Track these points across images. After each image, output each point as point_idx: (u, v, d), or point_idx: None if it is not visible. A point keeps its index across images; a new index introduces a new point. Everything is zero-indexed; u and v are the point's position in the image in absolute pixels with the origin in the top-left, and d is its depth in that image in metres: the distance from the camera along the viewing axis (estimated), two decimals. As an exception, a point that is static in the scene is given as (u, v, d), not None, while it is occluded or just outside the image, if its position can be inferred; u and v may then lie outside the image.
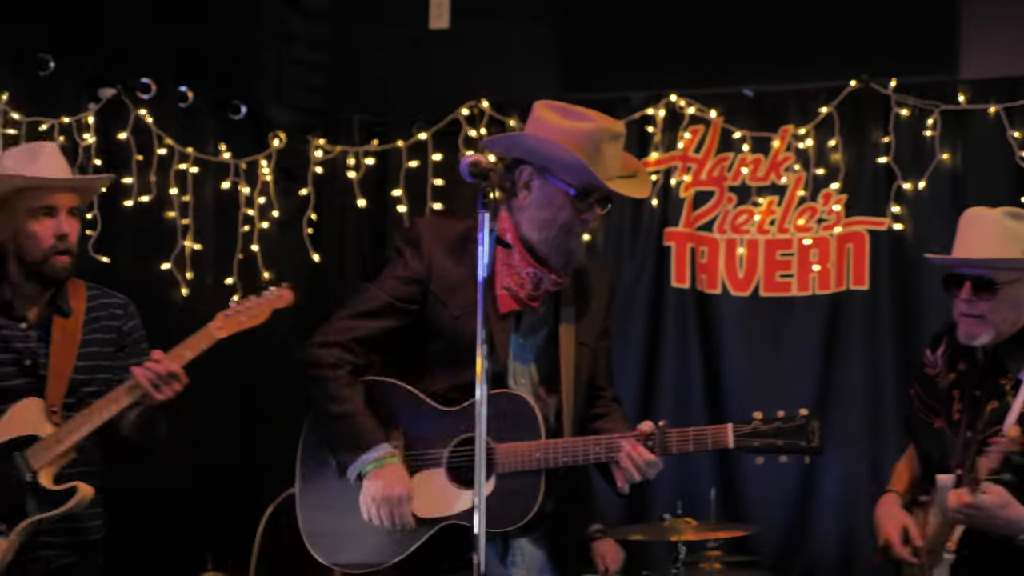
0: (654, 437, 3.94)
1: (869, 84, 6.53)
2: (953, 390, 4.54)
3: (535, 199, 3.99)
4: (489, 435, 3.80)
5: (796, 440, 3.87)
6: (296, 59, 7.18)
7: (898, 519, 4.54)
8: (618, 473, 3.96)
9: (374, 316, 4.04)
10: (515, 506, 3.93)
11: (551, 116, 3.98)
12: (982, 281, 4.40)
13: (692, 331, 6.77)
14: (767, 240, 6.69)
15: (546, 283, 4.03)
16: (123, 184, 6.19)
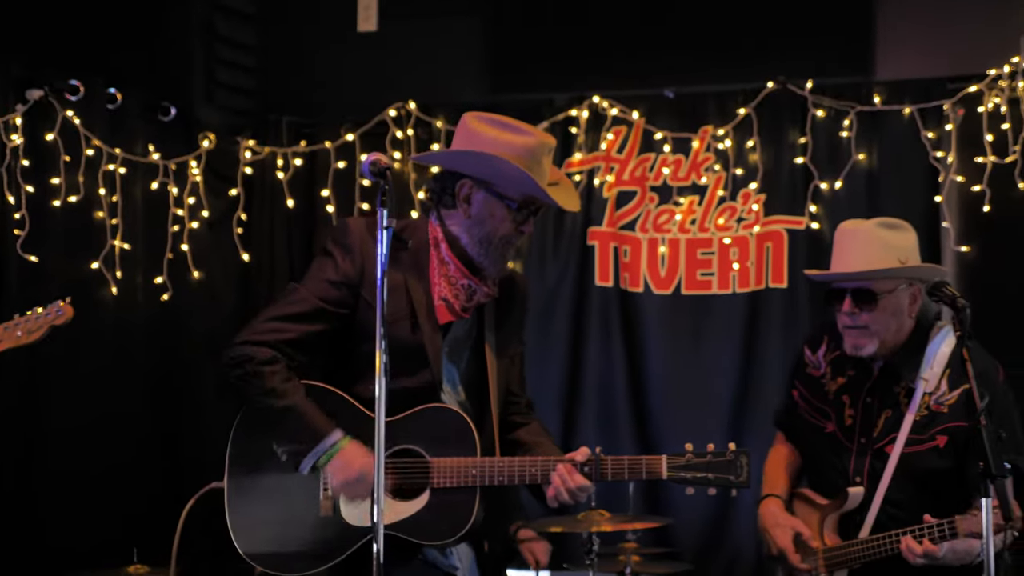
0: (590, 463, 3.99)
1: (786, 86, 6.67)
2: (843, 395, 4.64)
3: (476, 212, 4.01)
4: (425, 449, 3.97)
5: (726, 474, 3.97)
6: (226, 61, 7.27)
7: (788, 525, 4.63)
8: (549, 491, 4.01)
9: (304, 319, 3.99)
10: (449, 521, 3.98)
11: (488, 129, 4.01)
12: (862, 293, 4.51)
13: (615, 329, 6.89)
14: (688, 239, 6.82)
15: (479, 294, 4.07)
16: (51, 184, 6.23)
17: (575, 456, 4.00)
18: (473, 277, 4.05)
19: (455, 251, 4.04)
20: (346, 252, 3.99)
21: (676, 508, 6.48)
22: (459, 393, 4.13)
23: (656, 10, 6.93)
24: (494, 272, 4.09)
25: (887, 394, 4.56)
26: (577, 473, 3.97)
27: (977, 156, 6.46)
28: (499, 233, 4.01)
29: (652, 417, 6.82)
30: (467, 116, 4.10)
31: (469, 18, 7.24)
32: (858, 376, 4.63)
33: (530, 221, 4.06)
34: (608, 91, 6.89)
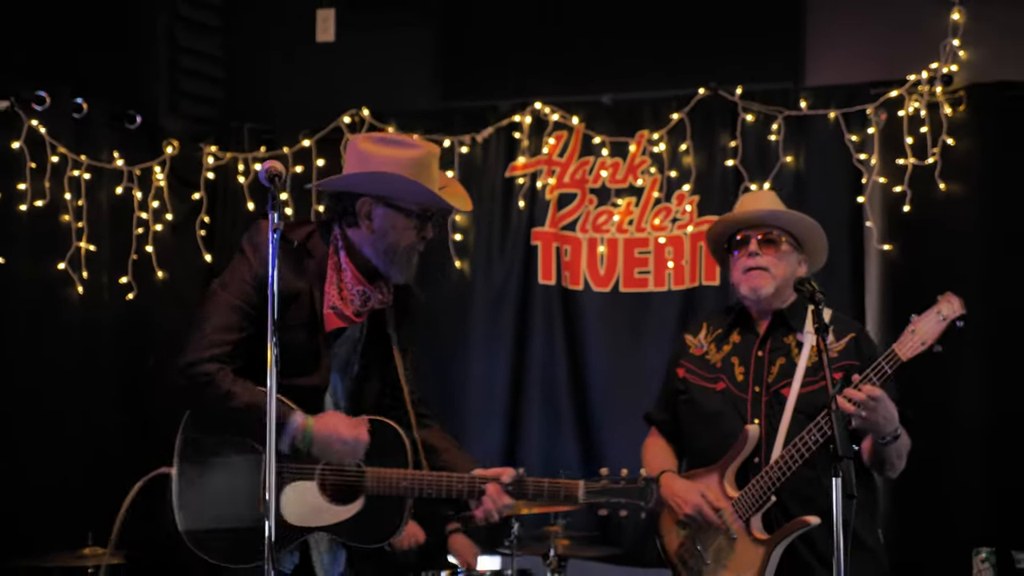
0: (514, 484, 4.34)
1: (717, 92, 6.97)
2: (731, 358, 4.96)
3: (379, 227, 4.29)
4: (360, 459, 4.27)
5: (637, 500, 4.39)
6: (189, 70, 7.62)
7: (694, 488, 4.91)
8: (478, 512, 4.35)
9: (235, 328, 4.19)
10: (379, 526, 4.32)
11: (378, 148, 4.29)
12: (768, 238, 4.87)
13: (558, 325, 7.19)
14: (626, 239, 7.12)
15: (373, 300, 4.37)
16: (17, 189, 6.56)
17: (502, 476, 4.35)
18: (368, 284, 4.35)
19: (354, 259, 4.34)
20: (256, 251, 4.24)
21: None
22: (342, 396, 4.42)
23: (594, 21, 7.25)
24: (401, 278, 4.38)
25: (778, 345, 4.90)
26: (504, 494, 4.34)
27: (898, 158, 6.74)
28: (403, 243, 4.32)
29: (593, 409, 7.11)
30: (356, 138, 4.45)
31: (420, 29, 7.58)
32: (745, 339, 4.98)
33: (429, 227, 4.36)
34: (550, 98, 7.21)
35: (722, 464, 4.84)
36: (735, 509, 4.77)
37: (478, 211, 7.26)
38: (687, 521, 4.90)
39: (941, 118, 6.70)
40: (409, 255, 4.36)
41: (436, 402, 6.93)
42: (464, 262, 7.29)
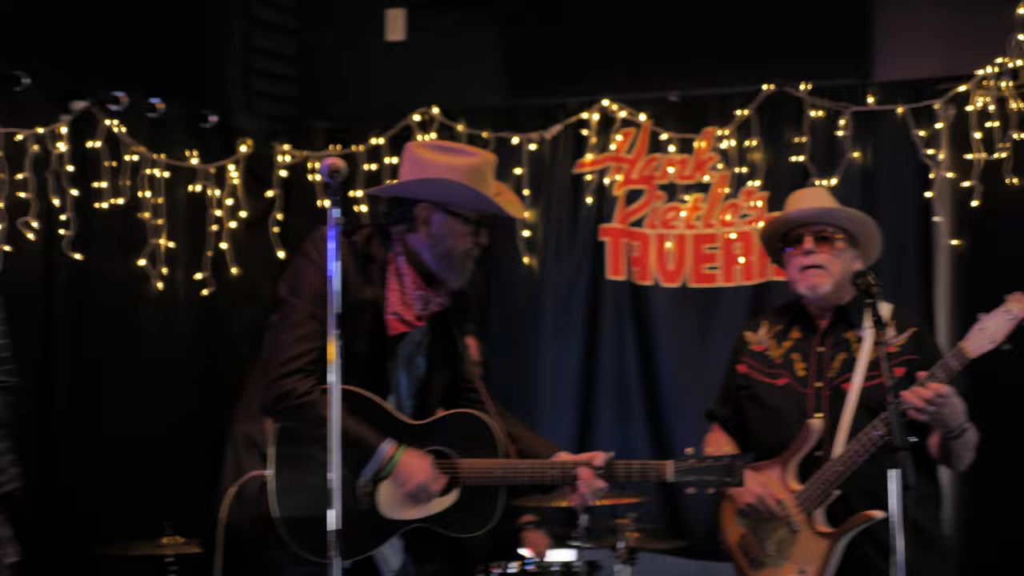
0: (606, 467, 4.39)
1: (784, 88, 7.01)
2: (791, 354, 5.01)
3: (436, 232, 4.36)
4: (454, 450, 4.36)
5: (723, 477, 4.40)
6: (263, 71, 7.76)
7: (755, 479, 4.95)
8: (573, 497, 4.42)
9: (314, 336, 4.22)
10: (475, 515, 4.40)
11: (436, 155, 4.37)
12: (822, 235, 4.91)
13: (627, 320, 7.25)
14: (694, 234, 7.17)
15: (433, 304, 4.45)
16: (96, 188, 6.73)
17: (593, 460, 4.41)
18: (428, 288, 4.42)
19: (413, 265, 4.41)
20: (325, 260, 4.15)
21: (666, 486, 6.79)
22: (404, 396, 4.49)
23: (661, 17, 7.30)
24: (457, 283, 4.47)
25: (839, 340, 4.95)
26: (597, 478, 4.39)
27: (966, 153, 6.75)
28: (460, 248, 4.39)
29: (663, 403, 7.17)
30: (412, 145, 4.48)
31: (489, 28, 7.66)
32: (805, 335, 5.02)
33: (484, 233, 4.44)
34: (617, 95, 7.28)
35: (784, 458, 4.88)
36: (798, 502, 4.81)
37: (546, 208, 7.36)
38: (747, 511, 4.94)
39: (1009, 112, 6.69)
40: (465, 260, 4.44)
41: (507, 397, 7.08)
42: (532, 259, 7.37)
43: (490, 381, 6.97)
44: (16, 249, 6.30)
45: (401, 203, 4.41)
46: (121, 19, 6.93)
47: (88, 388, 6.56)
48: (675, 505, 6.94)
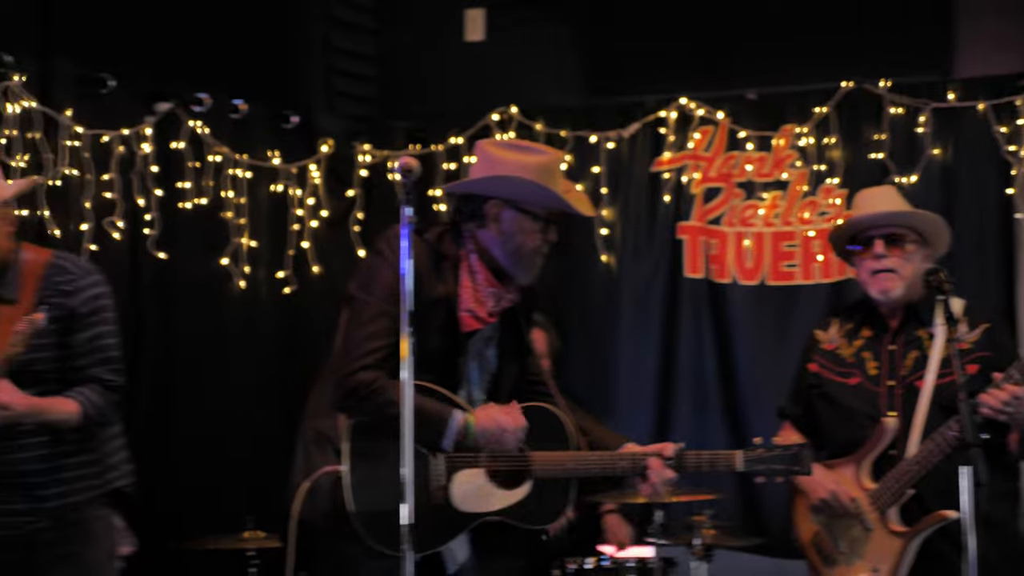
0: (676, 457, 4.46)
1: (863, 85, 6.98)
2: (863, 353, 5.00)
3: (507, 228, 4.44)
4: (524, 443, 4.42)
5: (792, 466, 4.46)
6: (344, 71, 7.85)
7: (829, 476, 4.97)
8: (645, 488, 4.50)
9: (386, 333, 4.28)
10: (548, 507, 4.51)
11: (507, 153, 4.45)
12: (892, 237, 4.89)
13: (705, 318, 7.25)
14: (772, 232, 7.15)
15: (504, 300, 4.52)
16: (180, 188, 6.85)
17: (663, 451, 4.47)
18: (499, 285, 4.48)
19: (485, 262, 4.47)
20: (398, 258, 4.18)
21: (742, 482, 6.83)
22: (475, 392, 4.55)
23: (738, 15, 7.30)
24: (526, 279, 4.54)
25: (911, 338, 4.94)
26: (667, 468, 4.45)
27: (1048, 149, 6.70)
28: (529, 245, 4.46)
29: (741, 401, 7.16)
30: (484, 143, 4.57)
31: (567, 27, 7.68)
32: (876, 334, 5.02)
33: (552, 230, 4.50)
34: (695, 93, 7.27)
35: (858, 456, 4.88)
36: (871, 500, 4.81)
37: (624, 206, 7.38)
38: (820, 507, 4.96)
39: (1092, 108, 6.64)
40: (534, 257, 4.51)
41: (585, 394, 7.14)
42: (610, 257, 7.39)
43: (567, 378, 7.02)
44: (102, 248, 6.42)
45: (472, 200, 4.48)
46: (204, 21, 7.03)
47: (172, 385, 6.68)
48: (752, 502, 6.93)
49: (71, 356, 4.76)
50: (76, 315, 4.77)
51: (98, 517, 4.90)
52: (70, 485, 4.81)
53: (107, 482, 4.93)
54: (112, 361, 4.86)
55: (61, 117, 6.26)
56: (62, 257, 4.90)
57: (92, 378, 4.77)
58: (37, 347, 4.66)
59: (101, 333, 4.82)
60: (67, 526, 4.80)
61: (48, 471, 4.76)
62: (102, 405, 4.77)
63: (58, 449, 4.77)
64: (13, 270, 4.76)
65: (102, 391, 4.78)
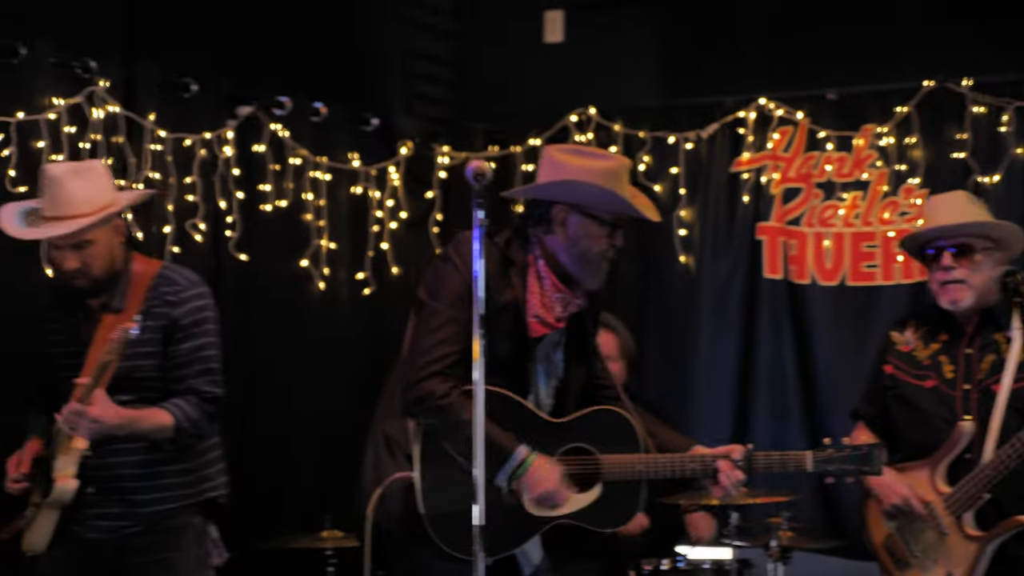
0: (745, 459, 4.47)
1: (945, 84, 6.91)
2: (939, 356, 4.97)
3: (572, 233, 4.45)
4: (595, 447, 4.46)
5: (862, 466, 4.46)
6: (423, 74, 7.91)
7: (903, 480, 4.93)
8: (716, 489, 4.51)
9: (455, 339, 4.34)
10: (618, 510, 4.52)
11: (572, 159, 4.46)
12: (960, 247, 4.85)
13: (784, 319, 7.21)
14: (852, 232, 7.10)
15: (572, 306, 4.54)
16: (261, 191, 6.92)
17: (732, 453, 4.48)
18: (567, 290, 4.50)
19: (552, 267, 4.49)
20: (466, 264, 4.34)
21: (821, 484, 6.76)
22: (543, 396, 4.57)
23: (818, 14, 7.23)
24: (593, 284, 4.54)
25: (987, 342, 4.91)
26: (737, 469, 4.46)
27: None
28: (595, 249, 4.47)
29: (820, 402, 7.11)
30: (550, 149, 4.60)
31: (646, 28, 7.67)
32: (952, 338, 4.99)
33: (618, 235, 4.50)
34: (774, 93, 7.24)
35: (934, 460, 4.85)
36: (946, 504, 4.77)
37: (703, 207, 7.36)
38: (894, 512, 4.93)
39: None
40: (600, 261, 4.51)
41: (663, 395, 7.14)
42: (689, 257, 7.38)
43: (645, 380, 7.05)
44: (184, 251, 6.50)
45: (538, 205, 4.50)
46: (285, 26, 7.11)
47: (251, 386, 6.73)
48: (830, 504, 6.89)
49: (172, 366, 4.87)
50: (178, 325, 4.88)
51: (191, 525, 4.99)
52: (165, 492, 4.91)
53: (201, 492, 5.01)
54: (212, 373, 4.94)
55: (144, 121, 6.35)
56: (171, 268, 5.04)
57: (191, 389, 4.87)
58: (139, 355, 4.78)
59: (202, 345, 4.92)
60: (160, 532, 4.91)
61: (144, 477, 4.86)
62: (197, 417, 4.85)
63: (155, 456, 4.86)
64: (123, 280, 4.89)
65: (199, 402, 4.87)
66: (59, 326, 4.96)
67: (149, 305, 4.83)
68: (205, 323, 4.94)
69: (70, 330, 4.92)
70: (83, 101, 6.07)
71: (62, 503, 4.74)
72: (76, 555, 4.86)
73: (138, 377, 4.79)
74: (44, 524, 4.78)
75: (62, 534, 4.80)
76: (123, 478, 4.85)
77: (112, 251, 4.88)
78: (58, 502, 4.73)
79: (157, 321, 4.80)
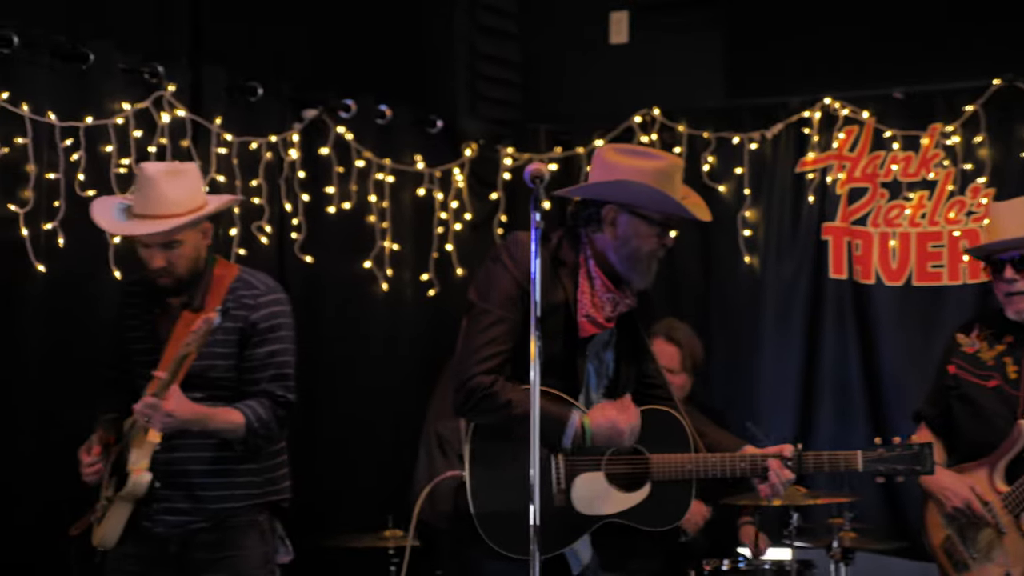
0: (794, 459, 4.47)
1: (1014, 83, 6.85)
2: (1004, 357, 4.94)
3: (622, 233, 4.44)
4: (645, 447, 4.47)
5: (913, 465, 4.45)
6: (487, 76, 7.94)
7: (962, 481, 4.91)
8: (763, 488, 4.50)
9: (505, 339, 4.36)
10: (668, 510, 4.52)
11: (624, 159, 4.46)
12: (1021, 259, 4.81)
13: (849, 319, 7.18)
14: (918, 232, 7.06)
15: (622, 305, 4.53)
16: (326, 193, 6.98)
17: (782, 452, 4.47)
18: (617, 290, 4.50)
19: (602, 267, 4.49)
20: (517, 265, 4.40)
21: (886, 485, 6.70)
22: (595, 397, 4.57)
23: (883, 13, 7.20)
24: (642, 284, 4.53)
25: None
26: (786, 469, 4.46)
27: None
28: (645, 249, 4.46)
29: (885, 402, 7.07)
30: (602, 149, 4.60)
31: (710, 29, 7.67)
32: (1018, 340, 4.95)
33: (669, 235, 4.50)
34: (839, 92, 7.21)
35: (992, 459, 4.83)
36: (1005, 504, 4.74)
37: (767, 207, 7.35)
38: (954, 514, 4.91)
39: None
40: (650, 262, 4.50)
41: (727, 395, 7.13)
42: (754, 257, 7.37)
43: (709, 380, 7.03)
44: (250, 253, 6.57)
45: (589, 205, 4.50)
46: (350, 29, 7.19)
47: (316, 387, 6.79)
48: (894, 504, 6.84)
49: (247, 369, 4.96)
50: (256, 329, 4.97)
51: (256, 523, 5.05)
52: (232, 491, 4.98)
53: (267, 494, 5.08)
54: (286, 378, 5.03)
55: (211, 125, 6.42)
56: (249, 273, 5.13)
57: (264, 392, 4.95)
58: (214, 355, 4.89)
59: (278, 350, 5.01)
60: (226, 529, 4.97)
61: (213, 473, 4.94)
62: (268, 420, 4.93)
63: (224, 454, 4.94)
64: (204, 281, 5.00)
65: (271, 405, 4.95)
66: (136, 323, 5.06)
67: (227, 307, 4.90)
68: (281, 328, 5.02)
69: (147, 327, 5.02)
70: (151, 105, 6.14)
71: (136, 496, 4.82)
72: (143, 550, 4.92)
73: (211, 376, 4.88)
74: (116, 518, 4.86)
75: (132, 529, 4.88)
76: (191, 474, 4.92)
77: (198, 252, 4.99)
78: (132, 495, 4.81)
79: (235, 323, 4.89)
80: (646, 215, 4.44)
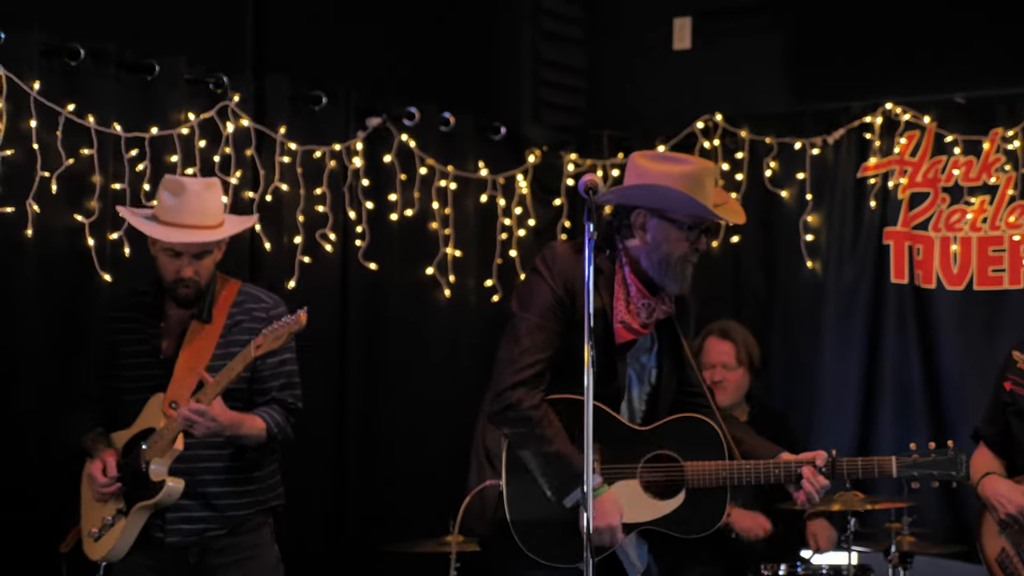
0: (828, 465, 4.50)
1: (1076, 87, 6.84)
2: None
3: (652, 238, 4.50)
4: (679, 454, 4.53)
5: (948, 470, 4.48)
6: (551, 82, 7.99)
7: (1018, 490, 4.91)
8: (799, 495, 4.53)
9: (543, 348, 4.45)
10: (703, 517, 4.56)
11: (654, 164, 4.52)
12: None
13: (910, 323, 7.17)
14: (979, 237, 7.03)
15: (658, 312, 4.59)
16: (389, 200, 7.06)
17: (816, 459, 4.50)
18: (652, 297, 4.55)
19: (637, 274, 4.55)
20: (556, 275, 4.49)
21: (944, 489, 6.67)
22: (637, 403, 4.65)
23: (944, 18, 7.17)
24: (676, 289, 4.57)
25: None
26: (820, 475, 4.48)
27: None
28: (676, 254, 4.51)
29: (946, 407, 7.05)
30: (636, 155, 4.62)
31: (772, 35, 7.66)
32: None
33: (701, 239, 4.54)
34: (901, 98, 7.20)
35: None
36: None
37: (829, 212, 7.36)
38: (1008, 521, 4.91)
39: None
40: (682, 266, 4.54)
41: (788, 400, 7.14)
42: (816, 262, 7.37)
43: (770, 384, 7.06)
44: (314, 260, 6.68)
45: (620, 211, 4.58)
46: (413, 37, 7.28)
47: (378, 393, 6.90)
48: (953, 508, 6.81)
49: (258, 379, 5.10)
50: None
51: (267, 524, 5.20)
52: (243, 498, 5.12)
53: (269, 499, 5.22)
54: (294, 386, 5.20)
55: (275, 134, 6.52)
56: (252, 287, 5.27)
57: (275, 400, 5.11)
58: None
59: (288, 359, 5.17)
60: (240, 534, 5.11)
61: (227, 482, 5.07)
62: (284, 425, 5.10)
63: (235, 463, 5.08)
64: (210, 294, 5.11)
65: (285, 412, 5.12)
66: (128, 338, 5.14)
67: (237, 320, 5.08)
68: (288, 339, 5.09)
69: (148, 343, 5.11)
70: (215, 116, 6.26)
71: (167, 504, 4.93)
72: (154, 560, 5.02)
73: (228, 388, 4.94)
74: (131, 529, 4.95)
75: (141, 540, 4.98)
76: (207, 483, 5.04)
77: (216, 265, 5.13)
78: (162, 503, 4.92)
79: (250, 335, 4.95)
80: (675, 219, 4.48)
